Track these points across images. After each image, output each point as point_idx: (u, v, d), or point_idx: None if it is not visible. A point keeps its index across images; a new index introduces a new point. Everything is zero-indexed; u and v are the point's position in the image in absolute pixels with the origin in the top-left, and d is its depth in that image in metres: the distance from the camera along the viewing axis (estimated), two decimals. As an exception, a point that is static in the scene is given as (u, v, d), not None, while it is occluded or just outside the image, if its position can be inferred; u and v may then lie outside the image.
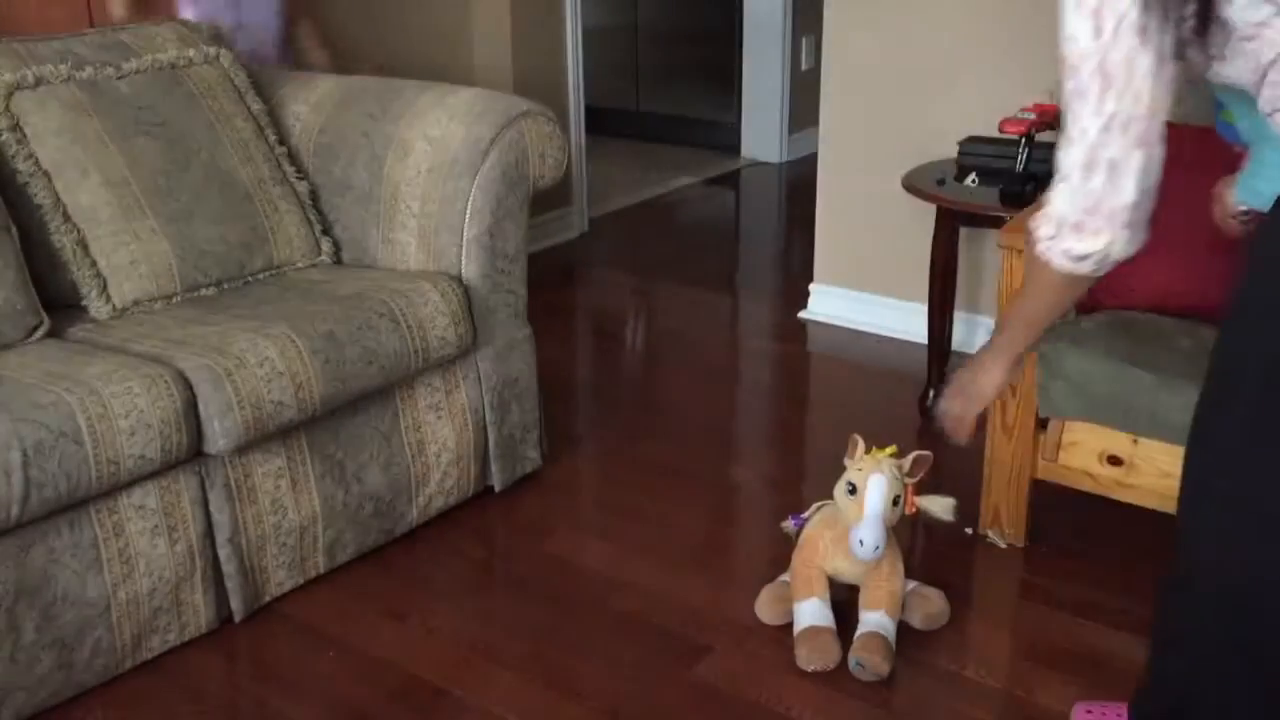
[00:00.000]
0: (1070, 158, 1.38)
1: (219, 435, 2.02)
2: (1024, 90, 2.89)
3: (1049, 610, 2.20)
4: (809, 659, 2.02)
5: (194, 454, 2.03)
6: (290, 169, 2.54)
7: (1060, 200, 1.41)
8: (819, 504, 2.17)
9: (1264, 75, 1.30)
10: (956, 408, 1.72)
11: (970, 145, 2.97)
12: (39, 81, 2.28)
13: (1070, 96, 1.37)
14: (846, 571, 2.09)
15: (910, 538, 2.48)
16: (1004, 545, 2.37)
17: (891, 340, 3.41)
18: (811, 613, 2.06)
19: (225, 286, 2.36)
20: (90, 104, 2.31)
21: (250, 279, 2.40)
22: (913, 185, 2.95)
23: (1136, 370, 2.09)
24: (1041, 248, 1.45)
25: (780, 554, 2.21)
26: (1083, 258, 1.42)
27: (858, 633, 2.04)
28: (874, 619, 2.05)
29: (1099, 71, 1.33)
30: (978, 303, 3.29)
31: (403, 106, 2.50)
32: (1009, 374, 1.67)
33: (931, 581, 2.17)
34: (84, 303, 2.25)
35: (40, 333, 2.15)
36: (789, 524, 2.21)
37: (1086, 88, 1.35)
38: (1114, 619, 2.14)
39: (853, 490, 2.04)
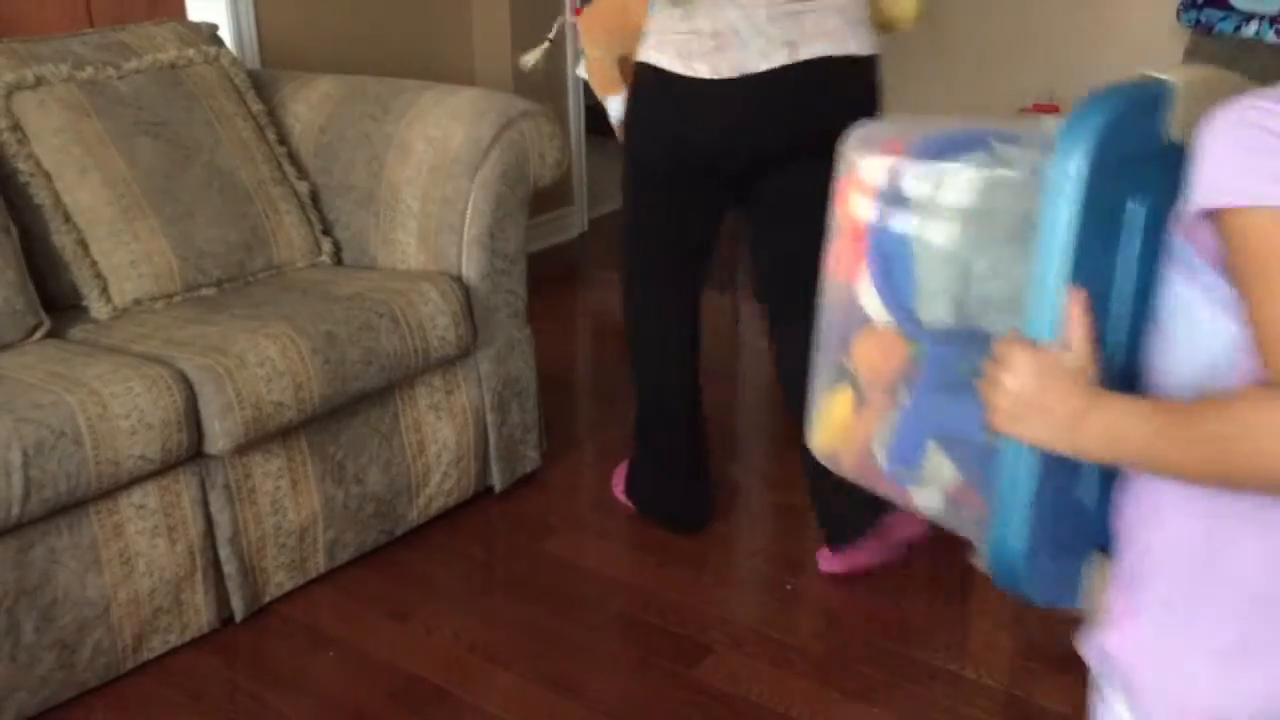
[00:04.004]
0: None
1: (219, 435, 2.02)
2: (1024, 91, 2.89)
3: (1049, 610, 2.19)
4: None
5: (194, 454, 2.03)
6: (290, 169, 2.54)
7: None
8: None
9: None
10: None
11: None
12: (39, 81, 2.28)
13: None
14: None
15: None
16: (1004, 545, 2.37)
17: (891, 340, 3.40)
18: None
19: (225, 286, 2.35)
20: (90, 104, 2.31)
21: (250, 279, 2.40)
22: (913, 185, 2.95)
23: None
24: None
25: (779, 551, 2.20)
26: None
27: None
28: None
29: None
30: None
31: (403, 106, 2.50)
32: None
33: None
34: (84, 303, 2.25)
35: (40, 333, 2.15)
36: None
37: None
38: (1114, 619, 2.14)
39: None
